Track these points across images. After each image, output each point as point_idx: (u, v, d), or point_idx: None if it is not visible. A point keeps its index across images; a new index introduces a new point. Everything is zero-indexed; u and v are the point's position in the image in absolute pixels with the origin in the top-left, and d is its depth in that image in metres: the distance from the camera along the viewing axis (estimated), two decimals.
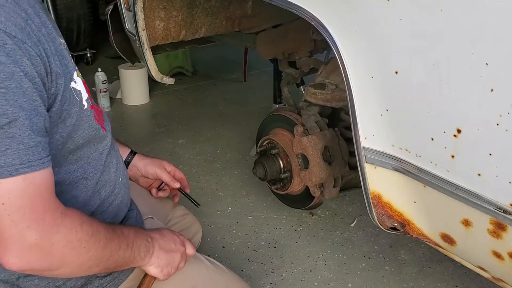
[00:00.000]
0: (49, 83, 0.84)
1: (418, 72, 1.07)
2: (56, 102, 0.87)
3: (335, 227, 2.10)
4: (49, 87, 0.85)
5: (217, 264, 1.24)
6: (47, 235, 0.82)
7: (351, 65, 1.20)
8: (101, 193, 1.04)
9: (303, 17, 1.28)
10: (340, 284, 1.78)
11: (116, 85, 3.65)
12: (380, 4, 1.09)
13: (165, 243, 1.05)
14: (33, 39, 0.82)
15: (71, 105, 0.91)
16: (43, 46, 0.84)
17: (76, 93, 0.93)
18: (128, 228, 1.00)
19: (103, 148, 1.04)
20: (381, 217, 1.32)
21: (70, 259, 0.86)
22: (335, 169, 1.84)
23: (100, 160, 1.03)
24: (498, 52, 0.92)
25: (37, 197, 0.81)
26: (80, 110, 0.94)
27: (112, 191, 1.07)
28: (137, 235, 1.00)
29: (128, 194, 1.17)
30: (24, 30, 0.81)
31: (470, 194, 1.06)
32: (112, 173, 1.07)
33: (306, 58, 2.28)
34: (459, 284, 1.76)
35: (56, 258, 0.84)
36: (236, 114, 3.25)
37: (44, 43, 0.84)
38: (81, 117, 0.95)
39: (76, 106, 0.93)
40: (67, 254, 0.85)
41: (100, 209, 1.04)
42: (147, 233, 1.04)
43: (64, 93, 0.89)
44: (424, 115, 1.09)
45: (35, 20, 0.86)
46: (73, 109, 0.92)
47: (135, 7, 1.84)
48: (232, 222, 2.13)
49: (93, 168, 1.01)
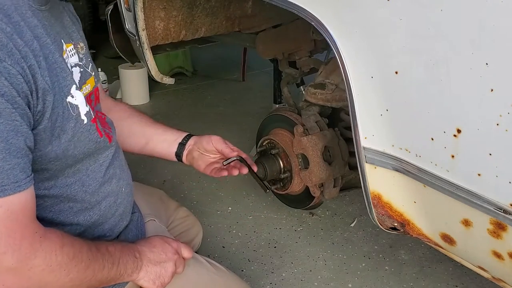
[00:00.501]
0: (35, 101, 0.82)
1: (418, 72, 1.07)
2: (44, 119, 0.84)
3: (335, 227, 2.10)
4: (35, 105, 0.82)
5: (217, 266, 1.23)
6: (24, 261, 0.79)
7: (351, 65, 1.20)
8: (101, 205, 1.02)
9: (303, 17, 1.27)
10: (340, 284, 1.78)
11: (116, 85, 3.65)
12: (380, 4, 1.09)
13: (155, 255, 1.03)
14: (16, 56, 0.78)
15: (65, 120, 0.89)
16: (28, 62, 0.80)
17: (72, 108, 0.91)
18: (114, 244, 0.98)
19: (103, 160, 1.02)
20: (381, 217, 1.32)
21: (49, 281, 0.84)
22: (335, 169, 1.84)
23: (100, 172, 1.01)
24: (498, 52, 0.92)
25: (13, 223, 0.78)
26: (76, 125, 0.92)
27: (114, 201, 1.06)
28: (124, 252, 0.97)
29: (132, 202, 1.16)
30: (4, 46, 0.77)
31: (470, 194, 1.06)
32: (113, 183, 1.05)
33: (306, 58, 2.28)
34: (459, 284, 1.76)
35: (34, 281, 0.82)
36: (236, 114, 3.25)
37: (31, 58, 0.81)
38: (79, 132, 0.92)
39: (72, 121, 0.90)
40: (45, 277, 0.83)
41: (101, 220, 1.03)
42: (134, 247, 1.01)
43: (56, 109, 0.86)
44: (424, 115, 1.09)
45: (25, 34, 0.82)
46: (68, 125, 0.89)
47: (135, 7, 1.84)
48: (232, 222, 2.13)
49: (92, 180, 0.99)
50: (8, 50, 0.78)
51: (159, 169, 2.47)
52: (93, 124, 0.97)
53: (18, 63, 0.79)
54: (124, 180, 1.10)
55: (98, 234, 1.03)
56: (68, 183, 0.95)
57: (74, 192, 0.96)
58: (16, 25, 0.82)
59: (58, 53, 0.91)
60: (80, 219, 0.99)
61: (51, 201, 0.94)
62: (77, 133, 0.92)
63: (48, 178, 0.92)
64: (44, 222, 0.94)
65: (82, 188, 0.98)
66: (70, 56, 0.98)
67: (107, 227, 1.05)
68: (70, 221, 0.97)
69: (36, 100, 0.82)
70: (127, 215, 1.12)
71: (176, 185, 2.38)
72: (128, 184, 1.13)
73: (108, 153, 1.03)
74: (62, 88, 0.89)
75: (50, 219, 0.95)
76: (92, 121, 0.97)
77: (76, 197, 0.97)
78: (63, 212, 0.96)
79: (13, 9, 0.83)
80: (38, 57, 0.83)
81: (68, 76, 0.92)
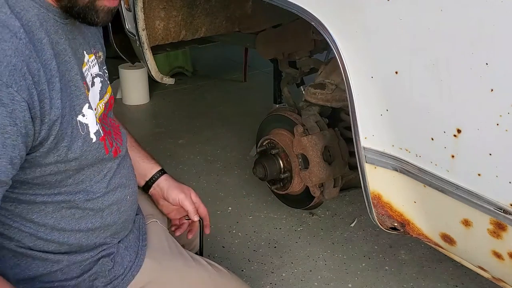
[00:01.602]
0: (38, 126, 0.81)
1: (418, 72, 1.07)
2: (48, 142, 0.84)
3: (335, 227, 2.10)
4: (38, 130, 0.82)
5: (218, 267, 1.23)
6: None
7: (351, 65, 1.20)
8: (104, 213, 1.02)
9: (303, 17, 1.28)
10: (340, 284, 1.78)
11: (116, 85, 3.65)
12: (380, 4, 1.09)
13: None
14: (28, 81, 0.78)
15: (74, 140, 0.89)
16: (39, 87, 0.80)
17: (81, 127, 0.91)
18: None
19: (107, 170, 1.02)
20: (381, 217, 1.32)
21: None
22: (335, 169, 1.84)
23: (104, 182, 1.01)
24: (498, 52, 0.92)
25: None
26: (84, 144, 0.92)
27: (117, 209, 1.05)
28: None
29: (135, 209, 1.15)
30: (18, 71, 0.76)
31: (470, 194, 1.06)
32: (118, 193, 1.05)
33: (306, 58, 2.28)
34: (459, 284, 1.76)
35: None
36: (236, 114, 3.25)
37: (43, 83, 0.80)
38: (87, 151, 0.92)
39: (80, 140, 0.90)
40: None
41: (102, 227, 1.03)
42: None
43: (63, 130, 0.86)
44: (424, 115, 1.09)
45: (45, 52, 0.82)
46: (76, 144, 0.89)
47: (135, 7, 1.84)
48: (232, 222, 2.13)
49: (96, 190, 0.99)
50: (21, 74, 0.77)
51: None
52: (101, 142, 0.97)
53: (28, 89, 0.78)
54: (130, 188, 1.09)
55: (99, 241, 1.03)
56: (72, 192, 0.95)
57: (78, 201, 0.97)
58: (37, 42, 0.82)
59: (77, 68, 0.91)
60: (81, 226, 0.99)
61: (53, 207, 0.94)
62: (85, 152, 0.92)
63: (50, 188, 0.92)
64: (45, 227, 0.94)
65: (86, 197, 0.98)
66: (92, 67, 0.98)
67: (108, 234, 1.05)
68: (72, 228, 0.97)
69: (40, 126, 0.82)
70: (130, 223, 1.12)
71: None
72: (133, 192, 1.12)
73: (112, 165, 1.03)
74: (74, 107, 0.89)
75: (52, 225, 0.95)
76: (101, 139, 0.97)
77: (79, 205, 0.97)
78: (65, 219, 0.96)
79: (38, 25, 0.83)
80: (53, 78, 0.83)
81: (82, 95, 0.92)
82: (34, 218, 0.93)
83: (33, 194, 0.91)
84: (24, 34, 0.79)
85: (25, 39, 0.79)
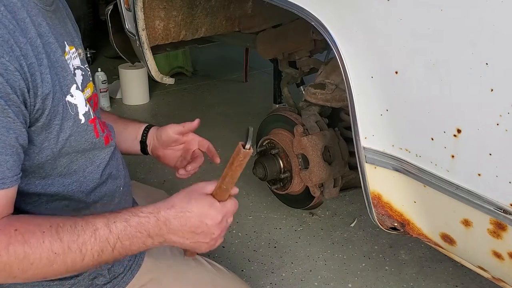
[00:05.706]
0: (32, 99, 0.81)
1: (418, 72, 1.07)
2: (43, 117, 0.84)
3: (335, 227, 2.10)
4: (32, 103, 0.82)
5: (218, 266, 1.23)
6: None
7: (351, 65, 1.20)
8: (97, 205, 1.02)
9: (303, 17, 1.28)
10: (340, 284, 1.78)
11: (116, 85, 3.65)
12: (380, 4, 1.09)
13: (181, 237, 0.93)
14: (16, 52, 0.78)
15: (64, 119, 0.89)
16: (28, 61, 0.80)
17: (71, 107, 0.91)
18: (116, 228, 0.84)
19: (100, 161, 1.02)
20: (381, 217, 1.32)
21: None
22: (335, 169, 1.84)
23: (97, 173, 1.01)
24: (498, 52, 0.92)
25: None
26: (74, 125, 0.92)
27: (111, 201, 1.05)
28: (127, 234, 0.85)
29: (130, 201, 1.16)
30: (5, 43, 0.77)
31: (470, 194, 1.06)
32: (109, 183, 1.05)
33: (306, 58, 2.28)
34: (459, 284, 1.76)
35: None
36: (236, 114, 3.25)
37: (31, 57, 0.81)
38: (76, 131, 0.92)
39: (70, 120, 0.90)
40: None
41: None
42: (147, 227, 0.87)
43: (55, 107, 0.86)
44: (424, 115, 1.09)
45: (29, 31, 0.83)
46: (66, 124, 0.89)
47: (135, 7, 1.84)
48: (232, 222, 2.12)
49: (89, 181, 0.99)
50: (8, 46, 0.77)
51: (159, 169, 2.47)
52: (90, 125, 0.97)
53: (18, 60, 0.78)
54: (121, 179, 1.10)
55: None
56: (65, 183, 0.95)
57: (71, 192, 0.97)
58: (21, 22, 0.82)
59: (60, 52, 0.91)
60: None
61: (47, 198, 0.94)
62: (74, 133, 0.92)
63: (44, 177, 0.92)
64: None
65: (79, 189, 0.98)
66: (73, 59, 0.98)
67: None
68: None
69: (34, 98, 0.82)
70: None
71: (176, 185, 2.37)
72: (126, 183, 1.13)
73: (104, 155, 1.03)
74: (62, 87, 0.89)
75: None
76: (90, 122, 0.97)
77: (72, 197, 0.97)
78: (58, 210, 0.96)
79: (20, 5, 0.83)
80: (40, 55, 0.83)
81: (69, 75, 0.92)
82: (28, 209, 0.93)
83: (27, 184, 0.90)
84: (6, 12, 0.80)
85: (8, 15, 0.79)
